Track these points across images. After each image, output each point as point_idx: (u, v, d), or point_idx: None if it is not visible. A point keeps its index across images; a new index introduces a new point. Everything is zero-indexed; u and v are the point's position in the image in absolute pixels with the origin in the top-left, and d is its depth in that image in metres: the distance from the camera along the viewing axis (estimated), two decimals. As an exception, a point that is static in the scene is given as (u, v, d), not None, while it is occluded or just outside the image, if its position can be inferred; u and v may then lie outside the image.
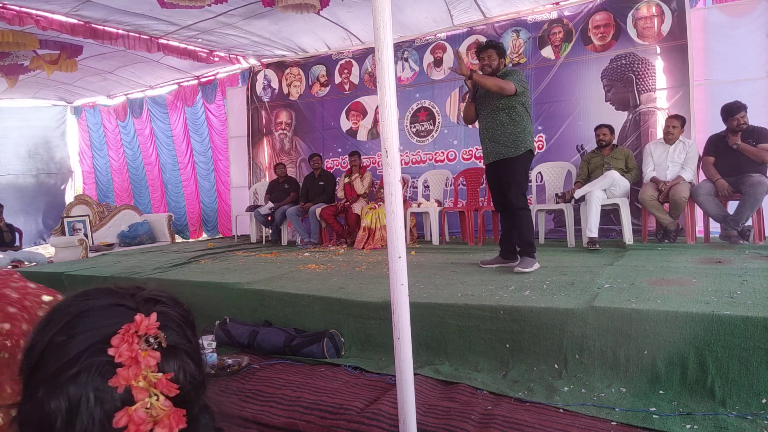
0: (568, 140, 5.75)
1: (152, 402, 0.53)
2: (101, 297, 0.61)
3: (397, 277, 1.66)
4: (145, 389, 0.53)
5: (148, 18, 5.73)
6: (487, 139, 3.73)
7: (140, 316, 0.56)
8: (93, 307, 0.59)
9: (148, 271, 4.68)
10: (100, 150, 10.17)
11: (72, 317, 0.57)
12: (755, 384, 2.06)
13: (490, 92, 3.67)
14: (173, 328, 0.60)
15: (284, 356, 3.05)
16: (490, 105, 3.70)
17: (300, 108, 7.60)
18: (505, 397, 2.29)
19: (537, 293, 2.88)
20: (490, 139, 3.71)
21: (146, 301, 0.61)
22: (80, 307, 0.59)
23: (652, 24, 5.27)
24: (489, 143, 3.72)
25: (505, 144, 3.65)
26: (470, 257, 4.46)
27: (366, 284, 3.53)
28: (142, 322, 0.56)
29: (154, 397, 0.53)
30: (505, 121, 3.63)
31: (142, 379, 0.53)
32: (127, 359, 0.53)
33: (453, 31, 6.39)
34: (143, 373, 0.53)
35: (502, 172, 3.70)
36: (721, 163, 4.44)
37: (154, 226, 7.79)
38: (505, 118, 3.64)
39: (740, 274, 3.00)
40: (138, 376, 0.53)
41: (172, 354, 0.56)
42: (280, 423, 2.18)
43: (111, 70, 7.78)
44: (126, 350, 0.53)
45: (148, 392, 0.53)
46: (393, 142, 1.66)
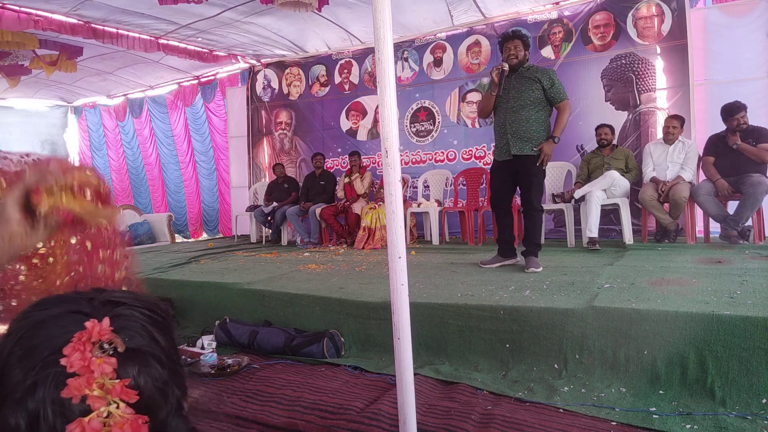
0: (568, 140, 5.74)
1: (111, 410, 0.51)
2: (56, 305, 0.59)
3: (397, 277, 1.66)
4: (102, 398, 0.51)
5: (147, 17, 5.73)
6: (510, 134, 3.59)
7: (91, 322, 0.54)
8: (48, 316, 0.57)
9: (148, 271, 4.68)
10: (99, 150, 10.18)
11: (27, 329, 0.56)
12: (755, 384, 2.06)
13: (520, 86, 3.58)
14: (135, 330, 0.57)
15: (284, 356, 3.05)
16: (519, 99, 3.56)
17: (300, 108, 7.60)
18: (505, 397, 2.29)
19: (537, 293, 2.88)
20: (513, 134, 3.58)
21: (104, 305, 0.59)
22: (35, 318, 0.57)
23: (652, 24, 5.27)
24: (512, 138, 3.59)
25: (530, 140, 3.56)
26: (470, 257, 4.46)
27: (366, 284, 3.53)
28: (93, 329, 0.53)
29: (113, 405, 0.51)
30: (531, 119, 3.56)
31: (97, 387, 0.51)
32: (80, 368, 0.51)
33: (453, 31, 6.39)
34: (98, 381, 0.51)
35: (525, 170, 3.60)
36: (721, 163, 4.44)
37: (154, 226, 7.79)
38: (534, 114, 3.56)
39: (740, 274, 3.00)
40: (92, 384, 0.51)
41: (131, 358, 0.54)
42: (280, 423, 2.18)
43: (111, 71, 7.78)
44: (78, 359, 0.51)
45: (105, 401, 0.51)
46: (393, 142, 1.66)
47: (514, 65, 3.61)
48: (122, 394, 0.51)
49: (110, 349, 0.53)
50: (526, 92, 3.57)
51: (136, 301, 0.61)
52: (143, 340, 0.57)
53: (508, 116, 3.62)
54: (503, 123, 3.65)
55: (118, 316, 0.57)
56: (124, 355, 0.53)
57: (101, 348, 0.53)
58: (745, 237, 4.23)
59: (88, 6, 5.30)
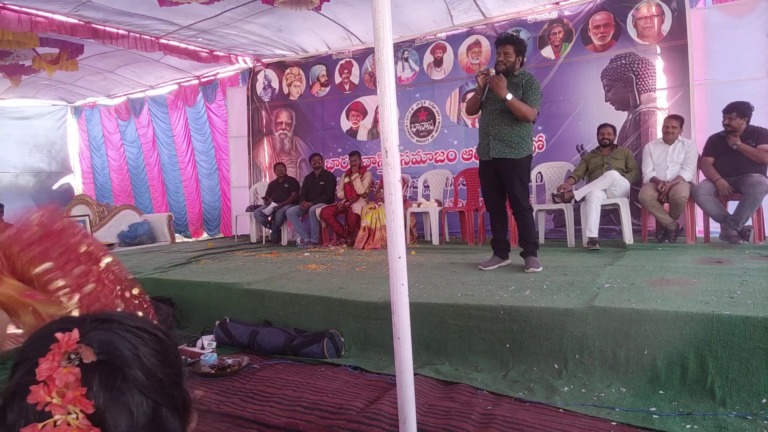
0: (568, 140, 5.75)
1: (68, 419, 0.52)
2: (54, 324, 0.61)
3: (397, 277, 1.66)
4: (61, 406, 0.52)
5: (148, 18, 5.73)
6: (491, 136, 3.65)
7: (62, 333, 0.56)
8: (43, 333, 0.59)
9: (148, 271, 4.68)
10: (98, 150, 10.18)
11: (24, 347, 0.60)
12: (755, 384, 2.06)
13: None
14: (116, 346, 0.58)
15: (284, 356, 3.05)
16: (502, 103, 3.59)
17: (300, 108, 7.60)
18: (505, 397, 2.29)
19: (537, 293, 2.88)
20: (494, 137, 3.63)
21: (93, 322, 0.61)
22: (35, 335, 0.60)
23: (652, 24, 5.27)
24: (493, 140, 3.64)
25: (509, 144, 3.60)
26: (470, 257, 4.46)
27: (366, 284, 3.53)
28: (63, 339, 0.55)
29: (72, 415, 0.52)
30: (513, 122, 3.59)
31: (56, 395, 0.52)
32: (46, 377, 0.53)
33: (453, 31, 6.39)
34: (59, 389, 0.52)
35: (504, 173, 3.66)
36: (721, 163, 4.43)
37: (154, 226, 7.79)
38: (515, 119, 3.59)
39: (740, 274, 3.00)
40: (51, 392, 0.52)
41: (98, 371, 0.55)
42: (280, 423, 2.18)
43: (112, 70, 7.79)
44: (45, 368, 0.53)
45: (65, 409, 0.52)
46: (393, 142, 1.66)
47: (502, 71, 3.61)
48: (75, 401, 0.52)
49: (76, 359, 0.54)
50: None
51: (132, 322, 0.62)
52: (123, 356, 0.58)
53: (492, 119, 3.67)
54: (487, 125, 3.70)
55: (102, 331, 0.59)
56: (91, 367, 0.54)
57: (68, 358, 0.54)
58: (745, 237, 4.23)
59: (89, 7, 5.30)
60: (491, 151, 3.65)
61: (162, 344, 0.62)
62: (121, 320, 0.62)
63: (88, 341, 0.57)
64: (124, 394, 0.56)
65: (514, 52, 3.59)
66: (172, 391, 0.61)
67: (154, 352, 0.61)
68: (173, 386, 0.62)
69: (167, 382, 0.61)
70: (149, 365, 0.59)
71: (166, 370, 0.61)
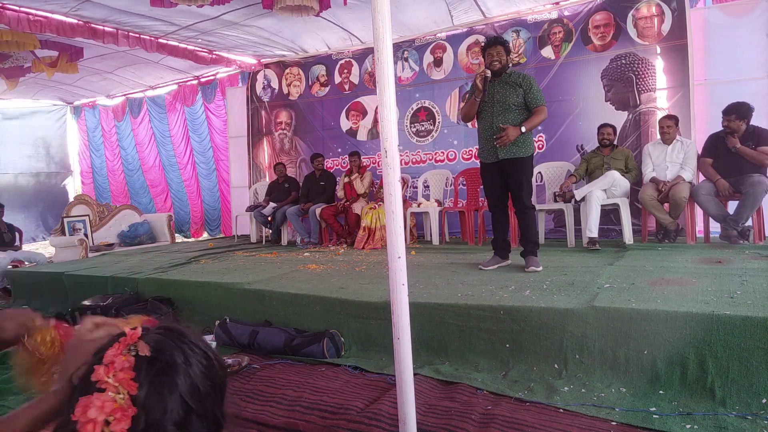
0: (568, 140, 5.75)
1: (116, 397, 0.64)
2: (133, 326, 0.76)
3: (397, 277, 1.66)
4: (114, 385, 0.65)
5: (147, 18, 5.72)
6: (496, 137, 3.66)
7: (129, 330, 0.70)
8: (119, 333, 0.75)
9: (148, 271, 4.68)
10: (97, 150, 10.18)
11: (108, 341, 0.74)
12: (755, 384, 2.06)
13: (504, 91, 3.65)
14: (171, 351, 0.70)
15: (284, 356, 3.05)
16: (503, 103, 3.64)
17: (300, 108, 7.60)
18: (505, 397, 2.29)
19: (537, 293, 2.88)
20: (499, 138, 3.64)
21: (161, 328, 0.75)
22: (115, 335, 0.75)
23: (652, 24, 5.27)
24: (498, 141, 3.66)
25: (516, 143, 3.63)
26: (470, 257, 4.46)
27: (366, 284, 3.53)
28: (129, 334, 0.70)
29: (120, 395, 0.64)
30: (517, 121, 3.63)
31: (111, 376, 0.65)
32: (109, 361, 0.66)
33: (453, 31, 6.39)
34: (114, 372, 0.65)
35: (512, 172, 3.68)
36: (721, 163, 4.43)
37: (154, 226, 7.78)
38: (519, 118, 3.64)
39: (740, 274, 3.00)
40: (109, 373, 0.65)
41: (148, 363, 0.67)
42: (280, 423, 2.18)
43: (111, 71, 7.78)
44: (111, 354, 0.67)
45: (116, 389, 0.65)
46: (392, 142, 1.65)
47: (497, 70, 3.67)
48: (123, 383, 0.65)
49: (133, 351, 0.68)
50: (510, 97, 3.65)
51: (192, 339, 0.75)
52: (173, 360, 0.70)
53: (494, 120, 3.68)
54: (489, 127, 3.72)
55: (162, 337, 0.72)
56: (143, 359, 0.68)
57: (128, 349, 0.68)
58: (745, 237, 4.22)
59: (88, 6, 5.30)
60: (500, 152, 3.67)
61: (211, 363, 0.74)
62: (184, 334, 0.75)
63: (147, 340, 0.70)
64: (164, 389, 0.67)
65: (505, 52, 3.68)
66: (208, 404, 0.71)
67: (201, 366, 0.72)
68: (210, 400, 0.72)
69: (205, 394, 0.70)
70: (192, 375, 0.70)
71: (209, 384, 0.71)
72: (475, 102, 3.75)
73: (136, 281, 4.37)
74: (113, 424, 0.63)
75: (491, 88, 3.70)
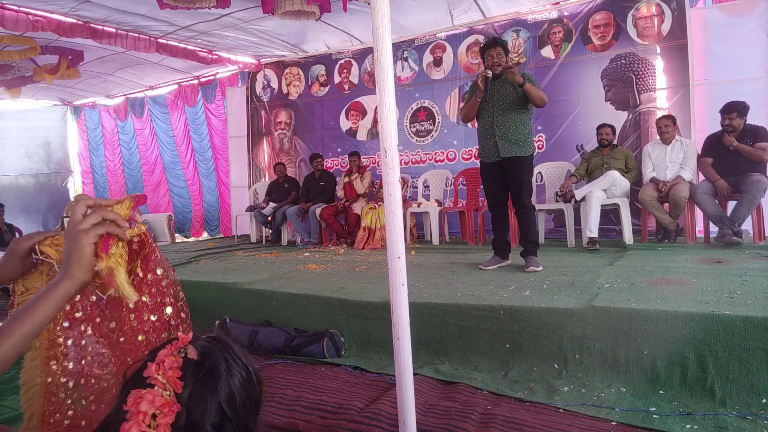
0: (568, 140, 5.75)
1: (163, 393, 0.70)
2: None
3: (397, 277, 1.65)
4: (162, 382, 0.70)
5: (147, 18, 5.72)
6: (497, 137, 3.67)
7: (182, 334, 0.77)
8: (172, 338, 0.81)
9: (148, 271, 4.67)
10: (97, 150, 10.18)
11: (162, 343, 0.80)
12: (755, 384, 2.06)
13: (504, 90, 3.66)
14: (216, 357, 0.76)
15: (284, 356, 3.05)
16: (504, 103, 3.65)
17: (299, 108, 7.60)
18: (505, 397, 2.29)
19: (537, 293, 2.88)
20: (501, 137, 3.66)
21: (211, 337, 0.82)
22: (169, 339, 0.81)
23: (652, 24, 5.27)
24: (500, 141, 3.66)
25: (517, 143, 3.63)
26: (470, 257, 4.46)
27: (366, 284, 3.53)
28: (181, 338, 0.76)
29: (167, 392, 0.70)
30: (518, 121, 3.64)
31: (161, 374, 0.71)
32: (161, 360, 0.72)
33: (453, 30, 6.39)
34: (164, 370, 0.71)
35: (513, 171, 3.68)
36: (720, 163, 4.43)
37: (154, 226, 7.79)
38: (519, 116, 3.65)
39: (740, 274, 3.00)
40: (159, 371, 0.71)
41: (195, 366, 0.73)
42: (280, 423, 2.18)
43: (111, 72, 7.78)
44: (163, 353, 0.73)
45: (164, 385, 0.70)
46: (392, 142, 1.65)
47: (500, 71, 3.67)
48: (170, 381, 0.71)
49: (182, 353, 0.74)
50: (510, 96, 3.65)
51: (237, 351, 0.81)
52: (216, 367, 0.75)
53: (495, 119, 3.68)
54: (490, 126, 3.72)
55: (210, 346, 0.78)
56: (190, 362, 0.73)
57: (179, 351, 0.74)
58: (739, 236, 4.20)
59: (88, 6, 5.30)
60: (501, 151, 3.67)
61: (250, 377, 0.80)
62: (230, 345, 0.81)
63: (196, 345, 0.76)
64: (205, 392, 0.72)
65: (504, 53, 3.70)
66: (242, 415, 0.76)
67: (242, 378, 0.78)
68: (246, 412, 0.77)
69: (241, 405, 0.76)
70: (232, 385, 0.75)
71: (245, 395, 0.77)
72: (476, 102, 3.76)
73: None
74: (159, 417, 0.69)
75: (491, 87, 3.71)
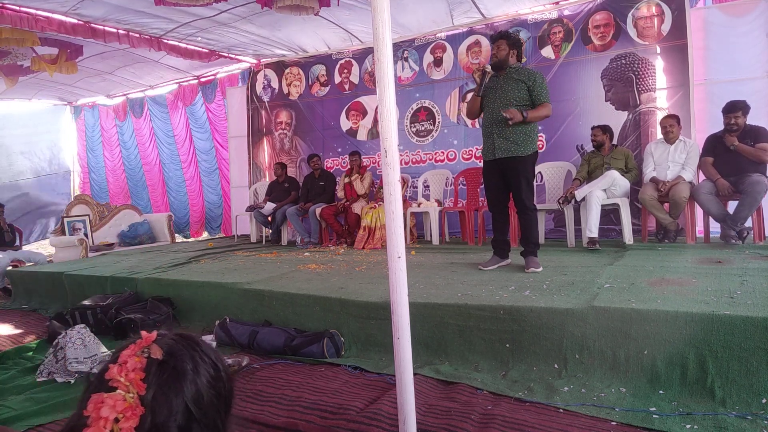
0: (568, 140, 5.75)
1: (125, 396, 0.68)
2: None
3: (397, 277, 1.66)
4: (125, 384, 0.69)
5: (147, 16, 5.72)
6: (496, 135, 3.63)
7: (145, 333, 0.74)
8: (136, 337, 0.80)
9: (147, 270, 4.68)
10: (97, 150, 10.18)
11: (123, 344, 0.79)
12: (755, 384, 2.06)
13: (506, 86, 3.60)
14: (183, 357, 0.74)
15: (284, 356, 3.05)
16: (505, 100, 3.58)
17: (300, 108, 7.59)
18: (505, 397, 2.29)
19: (537, 293, 2.88)
20: (499, 135, 3.61)
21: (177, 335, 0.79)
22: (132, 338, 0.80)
23: (652, 24, 5.27)
24: (498, 139, 3.62)
25: (515, 141, 3.58)
26: (470, 257, 4.46)
27: (366, 284, 3.53)
28: (144, 337, 0.74)
29: (130, 394, 0.68)
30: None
31: (123, 376, 0.69)
32: (123, 361, 0.71)
33: (453, 30, 6.38)
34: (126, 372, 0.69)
35: (510, 171, 3.64)
36: (721, 163, 4.43)
37: (154, 226, 7.78)
38: None
39: (740, 274, 3.00)
40: (121, 373, 0.69)
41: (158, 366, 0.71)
42: (280, 423, 2.18)
43: (111, 71, 7.78)
44: (126, 354, 0.72)
45: (127, 387, 0.68)
46: (392, 142, 1.65)
47: (496, 64, 3.64)
48: (133, 382, 0.69)
49: (146, 353, 0.72)
50: (512, 93, 3.59)
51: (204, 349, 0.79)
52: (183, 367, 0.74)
53: (495, 118, 3.64)
54: (491, 124, 3.68)
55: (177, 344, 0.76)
56: (154, 362, 0.71)
57: (142, 351, 0.73)
58: (743, 238, 4.21)
59: (88, 5, 5.30)
60: (497, 150, 3.64)
61: (219, 375, 0.78)
62: (197, 342, 0.79)
63: (161, 345, 0.74)
64: (171, 393, 0.70)
65: (507, 46, 3.62)
66: (211, 414, 0.74)
67: (209, 377, 0.76)
68: (214, 411, 0.75)
69: (209, 404, 0.74)
70: (199, 384, 0.74)
71: (213, 394, 0.75)
72: (476, 98, 3.73)
73: (135, 281, 4.37)
74: (122, 421, 0.67)
75: (495, 82, 3.65)
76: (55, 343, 3.02)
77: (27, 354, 3.45)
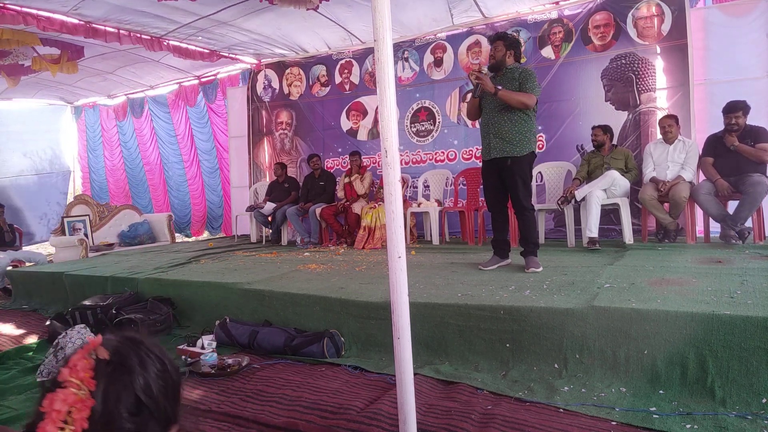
0: (568, 140, 5.75)
1: (76, 392, 0.74)
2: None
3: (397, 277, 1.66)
4: (76, 384, 0.75)
5: (148, 15, 5.72)
6: (492, 135, 3.64)
7: (91, 337, 0.81)
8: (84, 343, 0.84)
9: (148, 270, 4.68)
10: (97, 150, 10.17)
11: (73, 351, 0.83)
12: (755, 384, 2.06)
13: (503, 86, 3.59)
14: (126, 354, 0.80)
15: (284, 356, 3.06)
16: (500, 101, 3.59)
17: (300, 108, 7.60)
18: (505, 397, 2.29)
19: (537, 293, 2.88)
20: (495, 135, 3.63)
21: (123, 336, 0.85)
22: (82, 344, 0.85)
23: (652, 24, 5.27)
24: (494, 139, 3.64)
25: (511, 142, 3.59)
26: (470, 257, 4.46)
27: (366, 284, 3.53)
28: (92, 341, 0.80)
29: (81, 390, 0.74)
30: (514, 119, 3.58)
31: (74, 376, 0.75)
32: (73, 364, 0.77)
33: (453, 30, 6.39)
34: (77, 372, 0.75)
35: (506, 172, 3.64)
36: (721, 163, 4.43)
37: (154, 226, 7.78)
38: (514, 116, 3.59)
39: (740, 274, 3.00)
40: (72, 374, 0.75)
41: (106, 365, 0.77)
42: (280, 423, 2.18)
43: (111, 71, 7.78)
44: (76, 358, 0.77)
45: (78, 386, 0.74)
46: (393, 142, 1.66)
47: (493, 65, 3.67)
48: (83, 380, 0.75)
49: (94, 354, 0.78)
50: None
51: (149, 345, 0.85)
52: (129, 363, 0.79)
53: (491, 118, 3.66)
54: (487, 124, 3.70)
55: (122, 344, 0.82)
56: (102, 362, 0.78)
57: (90, 354, 0.78)
58: (743, 238, 4.21)
59: (88, 5, 5.30)
60: (492, 150, 3.65)
61: (165, 368, 0.84)
62: (141, 341, 0.85)
63: (107, 346, 0.80)
64: (119, 386, 0.77)
65: (504, 47, 3.65)
66: (160, 401, 0.81)
67: (157, 370, 0.82)
68: (164, 399, 0.82)
69: (160, 393, 0.81)
70: (148, 377, 0.80)
71: (162, 384, 0.82)
72: (473, 99, 3.74)
73: (136, 281, 4.37)
74: (75, 412, 0.73)
75: (493, 83, 3.63)
76: (56, 343, 3.02)
77: (27, 354, 3.46)
